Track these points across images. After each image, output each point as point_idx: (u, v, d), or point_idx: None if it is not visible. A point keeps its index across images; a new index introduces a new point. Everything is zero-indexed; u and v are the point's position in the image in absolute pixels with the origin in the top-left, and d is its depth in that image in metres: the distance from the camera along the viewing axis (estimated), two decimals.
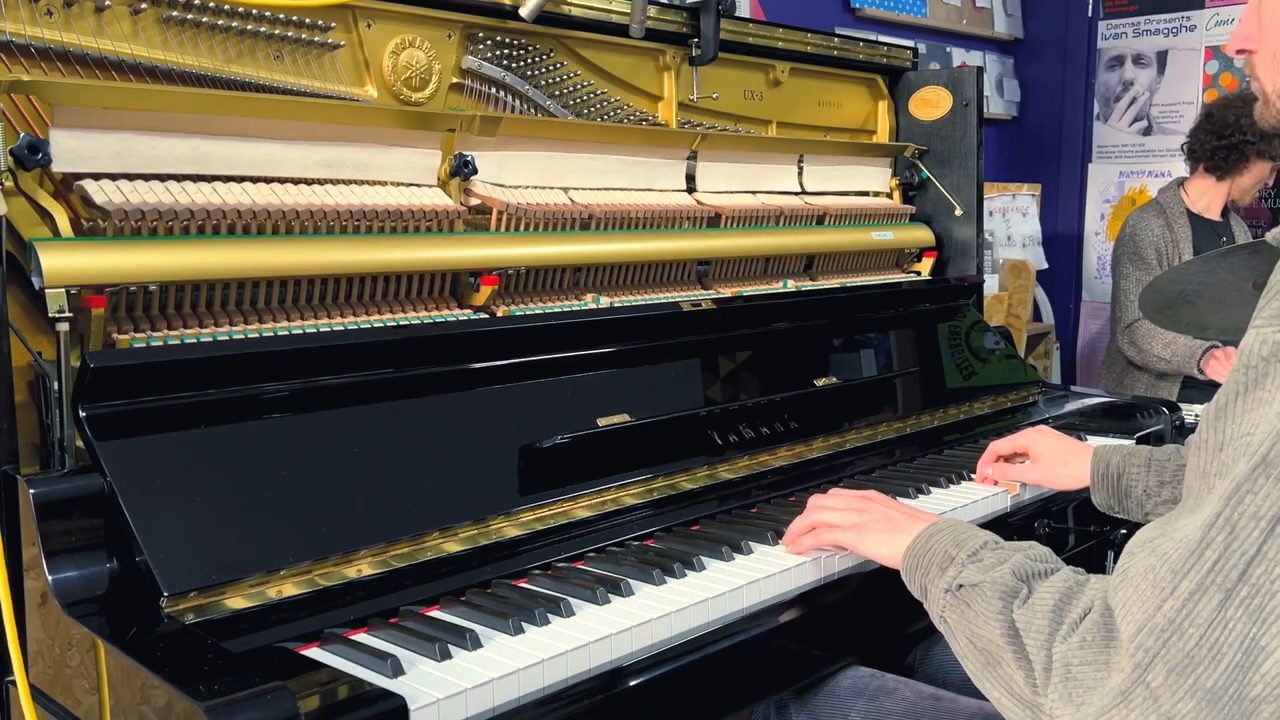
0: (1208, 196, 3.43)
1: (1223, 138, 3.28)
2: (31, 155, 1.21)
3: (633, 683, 1.10)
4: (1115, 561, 1.98)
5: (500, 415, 1.42)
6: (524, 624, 1.12)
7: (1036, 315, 4.41)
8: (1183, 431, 2.09)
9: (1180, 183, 3.48)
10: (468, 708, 0.99)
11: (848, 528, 1.28)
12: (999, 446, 1.69)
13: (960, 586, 1.04)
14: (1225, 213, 3.48)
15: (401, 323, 1.50)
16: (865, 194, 2.36)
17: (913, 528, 1.19)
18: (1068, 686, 0.88)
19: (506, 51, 1.74)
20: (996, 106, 4.69)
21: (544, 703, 1.04)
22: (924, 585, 1.11)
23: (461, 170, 1.59)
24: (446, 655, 1.05)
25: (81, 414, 1.12)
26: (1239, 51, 1.11)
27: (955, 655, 1.04)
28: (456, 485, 1.32)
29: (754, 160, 2.08)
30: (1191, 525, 0.84)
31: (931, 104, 2.40)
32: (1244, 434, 0.84)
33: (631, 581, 1.24)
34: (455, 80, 1.70)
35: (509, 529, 1.33)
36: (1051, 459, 1.62)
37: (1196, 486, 0.88)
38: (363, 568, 1.19)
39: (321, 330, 1.41)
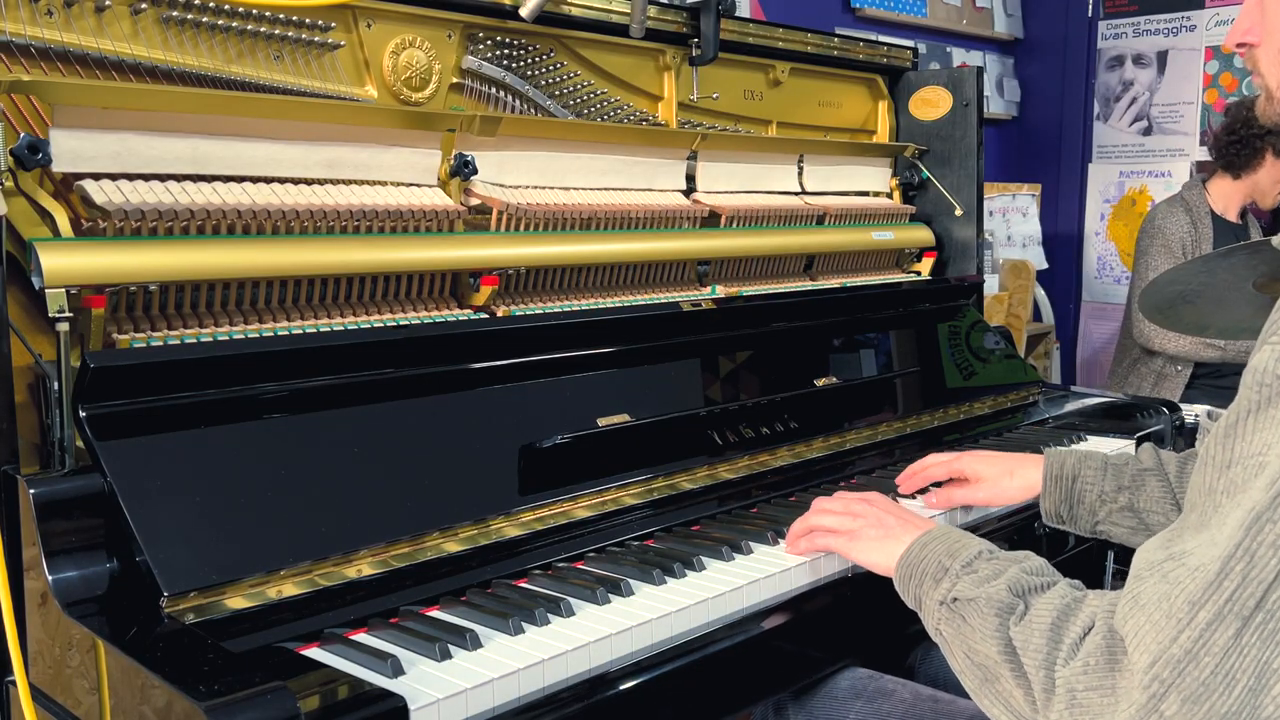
0: (1227, 198, 3.43)
1: (1233, 133, 3.29)
2: (31, 155, 1.21)
3: (632, 683, 1.10)
4: (1114, 562, 1.98)
5: (500, 415, 1.42)
6: (524, 624, 1.12)
7: (1036, 315, 4.41)
8: (1182, 432, 2.09)
9: (1203, 181, 3.48)
10: (468, 708, 0.99)
11: (841, 533, 1.27)
12: (934, 473, 1.57)
13: (955, 600, 1.03)
14: (1243, 215, 3.48)
15: (401, 323, 1.50)
16: (865, 194, 2.36)
17: (906, 535, 1.18)
18: (1074, 712, 0.87)
19: (506, 51, 1.74)
20: (996, 106, 4.69)
21: (544, 703, 1.04)
22: (918, 596, 1.10)
23: (461, 170, 1.59)
24: (446, 655, 1.05)
25: (81, 414, 1.12)
26: (1239, 45, 1.09)
27: (953, 669, 1.03)
28: (456, 485, 1.32)
29: (754, 160, 2.08)
30: (1207, 553, 0.83)
31: (931, 104, 2.40)
32: (1255, 453, 0.83)
33: (631, 581, 1.24)
34: (455, 80, 1.70)
35: (509, 529, 1.33)
36: (995, 475, 1.52)
37: (1202, 503, 0.88)
38: (363, 568, 1.19)
39: (321, 330, 1.41)
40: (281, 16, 1.47)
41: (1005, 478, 1.52)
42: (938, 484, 1.59)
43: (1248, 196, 3.41)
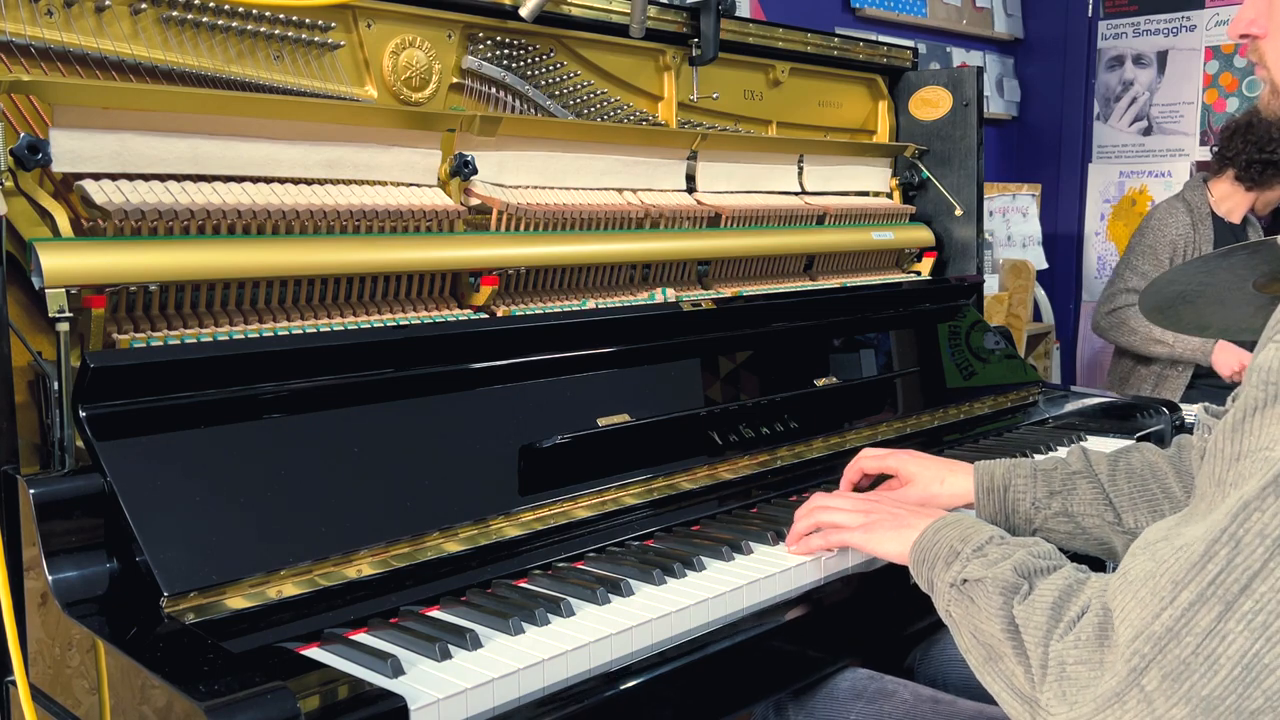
0: (1231, 201, 3.41)
1: (1263, 150, 3.24)
2: (31, 155, 1.21)
3: (632, 683, 1.10)
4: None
5: (500, 415, 1.42)
6: (524, 624, 1.12)
7: (1036, 315, 4.41)
8: (1183, 431, 2.09)
9: (1204, 180, 3.46)
10: (468, 708, 0.99)
11: (855, 528, 1.29)
12: (866, 465, 1.54)
13: (965, 581, 1.05)
14: (1245, 217, 3.48)
15: (401, 323, 1.50)
16: (865, 194, 2.36)
17: (920, 523, 1.20)
18: (1062, 685, 0.89)
19: (506, 51, 1.74)
20: (996, 106, 4.69)
21: (544, 703, 1.04)
22: (930, 579, 1.12)
23: (461, 170, 1.59)
24: (447, 655, 1.05)
25: (81, 414, 1.12)
26: (1243, 36, 1.06)
27: (959, 649, 1.05)
28: (456, 485, 1.32)
29: (754, 160, 2.08)
30: (1195, 535, 0.85)
31: (931, 104, 2.40)
32: (1263, 447, 0.84)
33: (631, 581, 1.24)
34: (455, 80, 1.70)
35: (509, 529, 1.33)
36: (926, 480, 1.49)
37: (1211, 492, 0.89)
38: (363, 568, 1.19)
39: (321, 330, 1.41)
40: (281, 16, 1.47)
41: (935, 484, 1.48)
42: (876, 483, 1.56)
43: (1252, 205, 3.41)
